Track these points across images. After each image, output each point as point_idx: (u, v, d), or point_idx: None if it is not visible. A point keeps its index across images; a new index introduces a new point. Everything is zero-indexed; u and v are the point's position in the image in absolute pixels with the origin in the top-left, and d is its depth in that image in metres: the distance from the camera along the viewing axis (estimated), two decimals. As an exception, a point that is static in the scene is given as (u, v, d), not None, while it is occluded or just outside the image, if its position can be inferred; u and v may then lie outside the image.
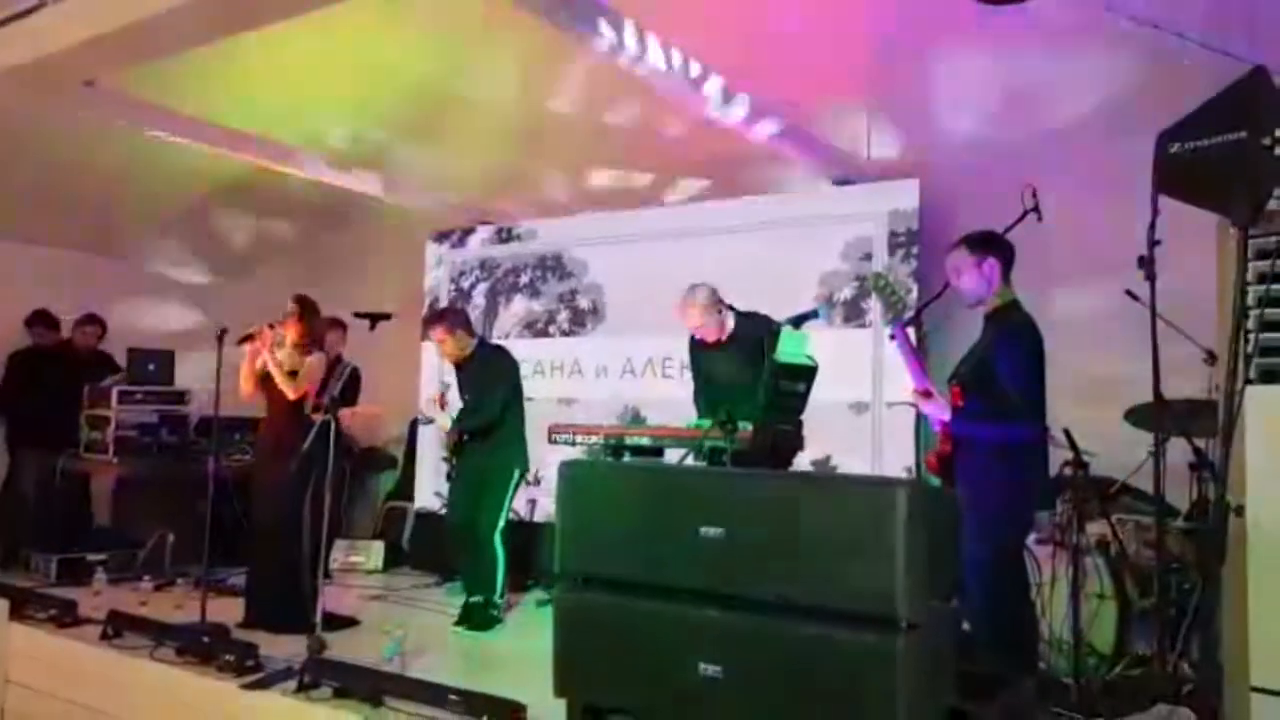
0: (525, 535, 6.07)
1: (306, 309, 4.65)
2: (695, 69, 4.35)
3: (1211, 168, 2.53)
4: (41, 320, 6.38)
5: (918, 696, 1.86)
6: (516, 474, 4.76)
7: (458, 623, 4.58)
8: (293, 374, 4.56)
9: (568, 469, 2.49)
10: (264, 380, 4.60)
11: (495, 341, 6.27)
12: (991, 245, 3.29)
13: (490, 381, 4.76)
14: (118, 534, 5.88)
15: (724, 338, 4.18)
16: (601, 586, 2.27)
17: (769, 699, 2.01)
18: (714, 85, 4.49)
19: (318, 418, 4.35)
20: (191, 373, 6.39)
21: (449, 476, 4.86)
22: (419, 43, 5.46)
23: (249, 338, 4.55)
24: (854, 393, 5.09)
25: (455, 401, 4.96)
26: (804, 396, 3.45)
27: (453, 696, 3.12)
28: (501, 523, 4.69)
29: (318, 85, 5.68)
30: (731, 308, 4.22)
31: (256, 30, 4.03)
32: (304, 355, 4.61)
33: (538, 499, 6.16)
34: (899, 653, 1.86)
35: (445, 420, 4.76)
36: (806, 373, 3.36)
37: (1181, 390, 3.68)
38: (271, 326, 4.57)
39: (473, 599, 4.63)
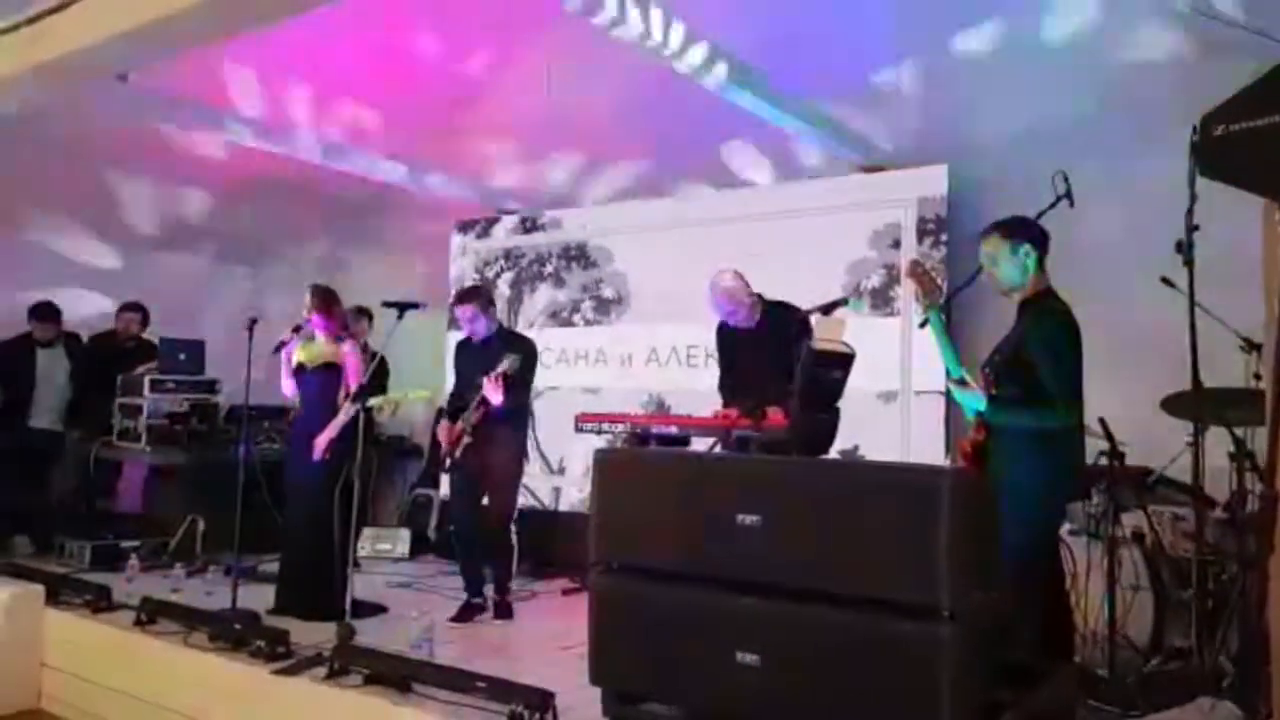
0: (549, 524, 6.10)
1: (324, 297, 4.65)
2: (716, 54, 4.30)
3: (1259, 148, 2.46)
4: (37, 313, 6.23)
5: (960, 687, 1.83)
6: (523, 464, 4.77)
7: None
8: (329, 365, 4.56)
9: (603, 457, 2.48)
10: (298, 371, 4.63)
11: (520, 330, 6.31)
12: (1027, 231, 3.23)
13: (527, 364, 4.69)
14: (149, 521, 5.95)
15: (754, 324, 4.15)
16: (637, 574, 2.26)
17: (807, 688, 1.99)
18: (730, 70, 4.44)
19: (348, 406, 4.37)
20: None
21: (449, 469, 4.75)
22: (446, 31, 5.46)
23: (282, 345, 4.60)
24: (882, 381, 5.04)
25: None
26: (841, 384, 3.41)
27: (480, 684, 3.12)
28: (515, 513, 4.77)
29: (345, 75, 5.71)
30: (760, 297, 4.19)
31: (284, 20, 4.05)
32: (335, 345, 4.62)
33: (562, 488, 6.17)
34: (942, 643, 1.83)
35: (498, 394, 4.46)
36: (844, 360, 3.32)
37: (1220, 379, 3.62)
38: (297, 329, 4.59)
39: (496, 594, 4.66)
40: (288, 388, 4.72)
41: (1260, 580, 2.62)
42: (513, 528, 4.74)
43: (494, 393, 4.42)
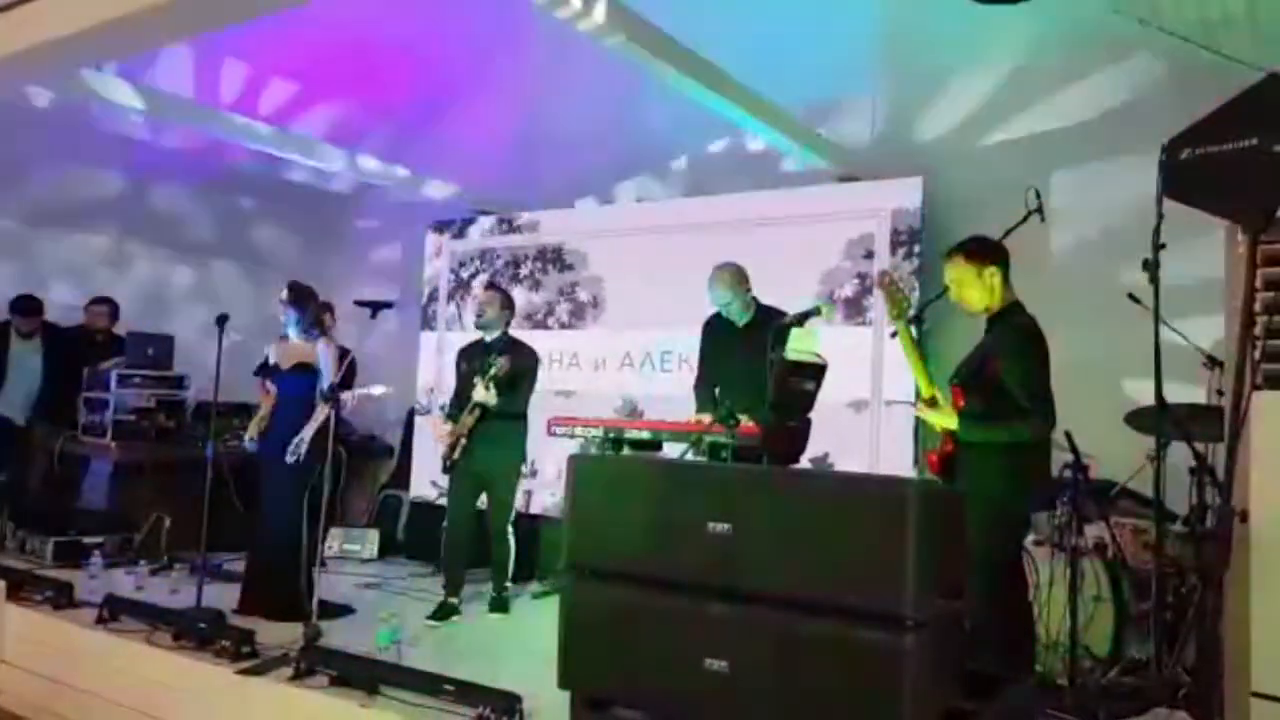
0: (522, 528, 6.08)
1: (299, 294, 4.63)
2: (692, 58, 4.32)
3: (1222, 174, 2.53)
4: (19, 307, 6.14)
5: (922, 695, 1.86)
6: (522, 467, 4.92)
7: (491, 610, 4.75)
8: (304, 366, 4.54)
9: (577, 463, 2.49)
10: (273, 370, 4.61)
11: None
12: (989, 253, 3.25)
13: (529, 371, 4.82)
14: (114, 517, 5.86)
15: (744, 321, 4.21)
16: (608, 579, 2.27)
17: (775, 694, 2.01)
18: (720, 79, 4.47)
19: (322, 407, 4.34)
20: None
21: (446, 469, 4.80)
22: (426, 28, 5.45)
23: (261, 369, 4.68)
24: (853, 391, 5.09)
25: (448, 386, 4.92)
26: (813, 395, 3.44)
27: (448, 686, 3.11)
28: (513, 514, 4.87)
29: (324, 72, 5.67)
30: (755, 299, 4.25)
31: (248, 20, 4.02)
32: (311, 343, 4.59)
33: (534, 491, 6.16)
34: (905, 651, 1.86)
35: (490, 397, 4.58)
36: (816, 371, 3.35)
37: (1182, 394, 3.70)
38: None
39: (500, 590, 4.82)
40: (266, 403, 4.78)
41: (1215, 593, 2.68)
42: (510, 529, 4.82)
43: (484, 395, 4.55)
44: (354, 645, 3.70)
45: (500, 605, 4.78)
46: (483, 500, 4.89)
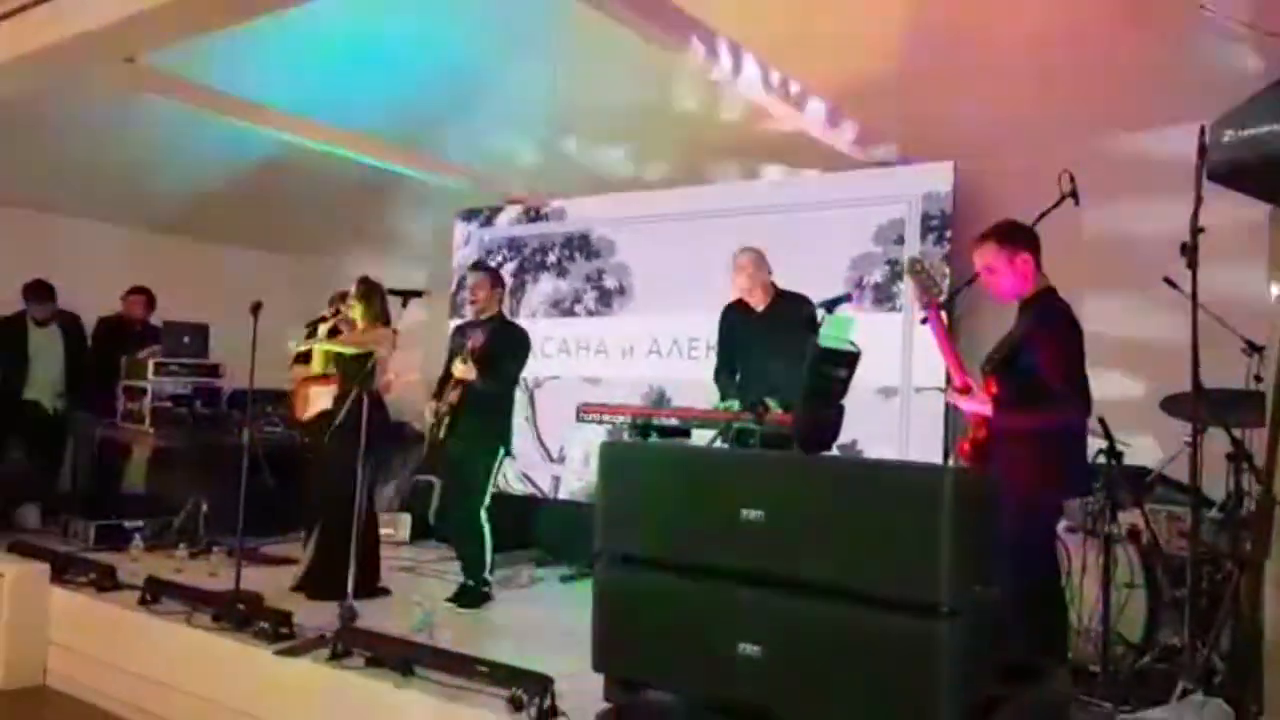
0: (548, 512, 6.14)
1: (370, 289, 4.69)
2: (729, 49, 4.32)
3: (1267, 156, 2.47)
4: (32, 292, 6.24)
5: (957, 683, 1.87)
6: (502, 453, 4.71)
7: (449, 599, 4.57)
8: (363, 356, 4.52)
9: (609, 450, 2.51)
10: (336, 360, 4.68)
11: (523, 320, 6.34)
12: (1021, 238, 3.20)
13: (511, 351, 4.69)
14: (153, 502, 5.99)
15: (765, 305, 4.18)
16: (642, 565, 2.29)
17: (808, 680, 2.03)
18: (750, 65, 4.46)
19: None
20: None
21: (434, 446, 4.74)
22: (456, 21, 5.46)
23: (318, 323, 4.65)
24: (882, 377, 5.07)
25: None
26: (846, 383, 3.42)
27: (481, 668, 3.16)
28: (487, 500, 4.64)
29: (355, 62, 5.71)
30: (773, 284, 4.23)
31: (294, 8, 4.05)
32: (370, 330, 4.64)
33: (561, 476, 6.21)
34: (941, 639, 1.87)
35: (468, 371, 4.49)
36: (849, 359, 3.33)
37: (1220, 380, 3.64)
38: (336, 312, 4.62)
39: (468, 581, 4.63)
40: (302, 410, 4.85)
41: (1255, 581, 2.66)
42: (484, 515, 4.61)
43: (461, 370, 4.48)
44: (388, 627, 3.76)
45: (471, 599, 4.54)
46: None
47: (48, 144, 6.22)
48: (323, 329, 4.95)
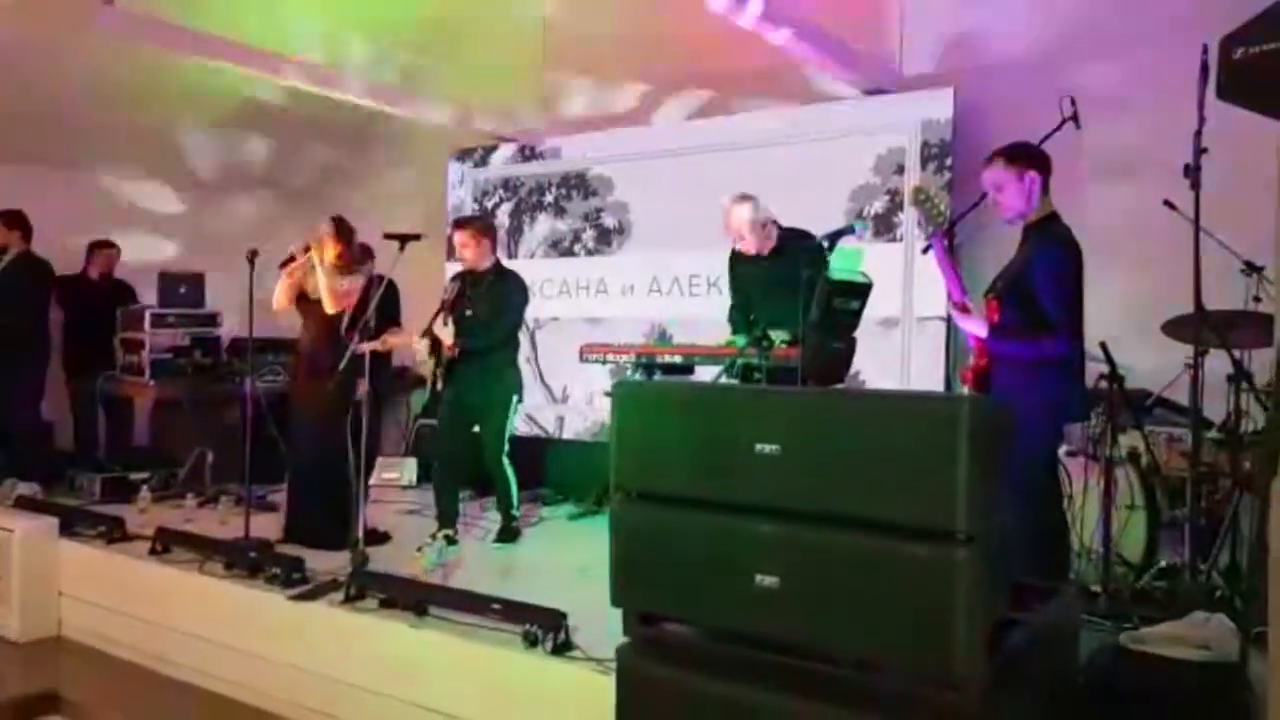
0: (553, 451, 6.18)
1: (342, 229, 4.62)
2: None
3: (1281, 73, 2.41)
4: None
5: (973, 607, 1.90)
6: (515, 400, 4.70)
7: (497, 540, 4.69)
8: (339, 297, 4.55)
9: (622, 389, 2.52)
10: (300, 300, 4.63)
11: (521, 261, 6.30)
12: (1031, 158, 3.20)
13: (506, 303, 4.63)
14: (157, 453, 6.02)
15: (765, 251, 4.14)
16: (658, 501, 2.32)
17: (825, 609, 2.06)
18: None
19: (353, 338, 4.36)
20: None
21: (432, 398, 4.73)
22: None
23: (289, 260, 4.57)
24: (883, 308, 5.04)
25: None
26: (858, 314, 3.40)
27: (495, 606, 3.21)
28: (508, 446, 4.68)
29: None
30: (775, 222, 4.18)
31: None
32: (343, 275, 4.60)
33: (565, 416, 6.24)
34: (959, 564, 1.89)
35: (447, 334, 4.49)
36: (861, 290, 3.32)
37: (1219, 301, 3.64)
38: (306, 249, 4.55)
39: (509, 520, 4.74)
40: (282, 300, 4.61)
41: (1262, 500, 2.68)
42: (506, 460, 4.67)
43: (442, 331, 4.46)
44: (398, 569, 3.81)
45: (508, 535, 4.69)
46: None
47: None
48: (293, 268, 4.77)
